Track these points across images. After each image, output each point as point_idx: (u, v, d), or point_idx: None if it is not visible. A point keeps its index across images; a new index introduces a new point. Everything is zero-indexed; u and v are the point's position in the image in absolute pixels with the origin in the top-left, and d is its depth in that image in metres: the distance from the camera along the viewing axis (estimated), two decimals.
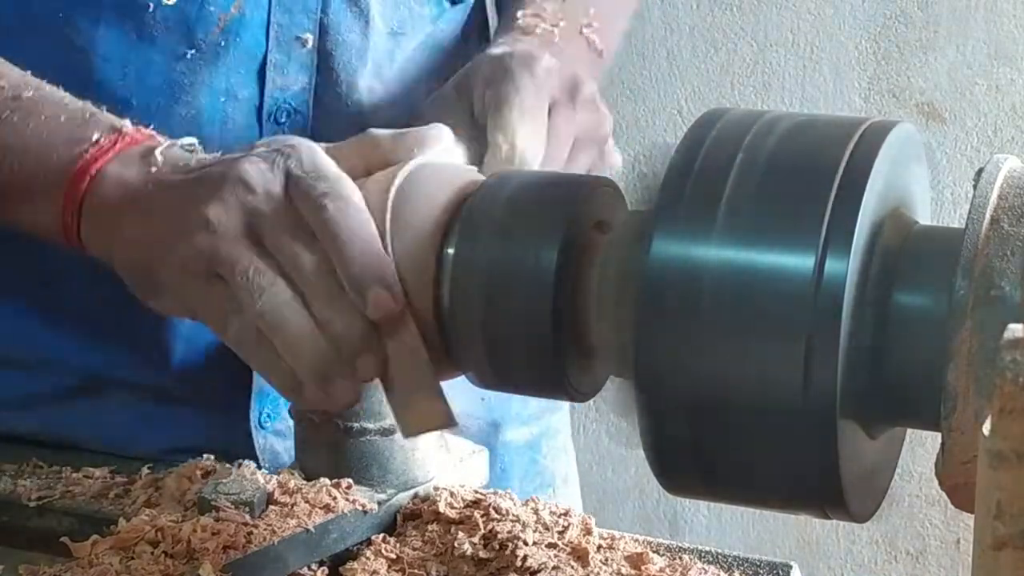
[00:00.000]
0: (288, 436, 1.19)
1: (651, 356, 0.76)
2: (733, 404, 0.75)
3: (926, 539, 2.39)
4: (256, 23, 1.12)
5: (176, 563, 0.92)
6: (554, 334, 0.84)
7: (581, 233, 0.85)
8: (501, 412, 1.29)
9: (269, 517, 0.95)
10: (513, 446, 1.29)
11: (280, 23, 1.13)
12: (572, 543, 0.97)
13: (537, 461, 1.35)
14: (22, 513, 1.05)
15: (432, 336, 0.87)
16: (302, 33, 1.13)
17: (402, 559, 0.96)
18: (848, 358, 0.73)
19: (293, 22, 1.13)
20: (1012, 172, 0.74)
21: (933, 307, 0.74)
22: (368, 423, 0.99)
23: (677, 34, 2.33)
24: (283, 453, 1.18)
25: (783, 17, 2.29)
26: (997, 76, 2.24)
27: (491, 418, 1.26)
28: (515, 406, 1.31)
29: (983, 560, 0.58)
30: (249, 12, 1.11)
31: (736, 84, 2.33)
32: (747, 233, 0.75)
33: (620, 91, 2.35)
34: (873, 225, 0.75)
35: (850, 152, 0.75)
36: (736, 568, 0.99)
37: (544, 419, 1.36)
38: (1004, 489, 0.57)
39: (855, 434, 0.76)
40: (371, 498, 0.99)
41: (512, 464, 1.29)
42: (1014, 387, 0.56)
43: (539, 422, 1.35)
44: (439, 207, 0.87)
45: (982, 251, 0.71)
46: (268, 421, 1.19)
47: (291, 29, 1.13)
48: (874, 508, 0.81)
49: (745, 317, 0.74)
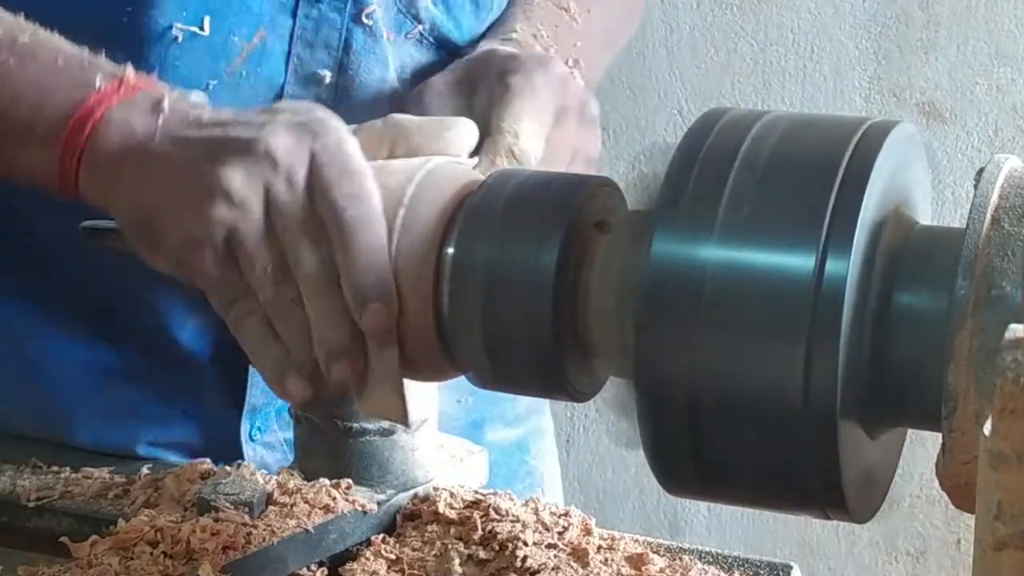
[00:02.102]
0: (279, 449, 1.20)
1: (651, 356, 0.76)
2: (733, 404, 0.75)
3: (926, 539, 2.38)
4: (277, 54, 1.12)
5: (175, 563, 0.92)
6: (554, 334, 0.84)
7: (581, 233, 0.85)
8: (482, 412, 1.29)
9: (268, 517, 0.95)
10: (498, 446, 1.29)
11: (300, 56, 1.13)
12: (572, 543, 0.97)
13: (526, 462, 1.35)
14: (21, 513, 1.04)
15: (431, 336, 0.87)
16: (320, 69, 1.14)
17: (402, 559, 0.96)
18: (848, 358, 0.73)
19: (313, 57, 1.13)
20: (1013, 172, 0.74)
21: (933, 307, 0.74)
22: (368, 424, 0.99)
23: (677, 34, 2.33)
24: (273, 465, 1.19)
25: (783, 17, 2.29)
26: (998, 76, 2.24)
27: (470, 419, 1.25)
28: (499, 407, 1.31)
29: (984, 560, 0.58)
30: (271, 43, 1.12)
31: (736, 84, 2.33)
32: (747, 233, 0.74)
33: (620, 91, 2.35)
34: (874, 225, 0.74)
35: (851, 152, 0.75)
36: (736, 568, 0.99)
37: (531, 420, 1.36)
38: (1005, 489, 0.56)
39: (855, 434, 0.76)
40: (371, 498, 0.99)
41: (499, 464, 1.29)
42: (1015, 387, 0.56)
43: (526, 423, 1.35)
44: (439, 207, 0.87)
45: (983, 251, 0.71)
46: (258, 434, 1.20)
47: (310, 64, 1.13)
48: (874, 509, 0.81)
49: (745, 317, 0.74)
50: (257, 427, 1.20)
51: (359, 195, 0.87)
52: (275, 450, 1.20)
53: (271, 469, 1.17)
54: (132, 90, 0.94)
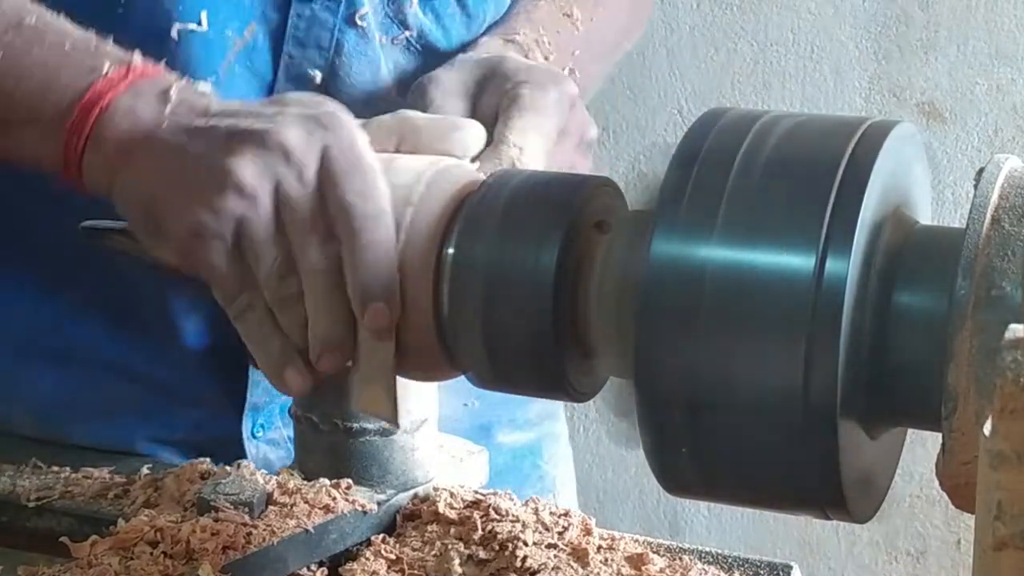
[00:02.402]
0: (282, 446, 1.20)
1: (651, 356, 0.76)
2: (733, 404, 0.75)
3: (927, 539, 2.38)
4: (267, 49, 1.12)
5: (175, 563, 0.92)
6: (554, 334, 0.84)
7: (581, 233, 0.85)
8: (491, 416, 1.28)
9: (268, 517, 0.95)
10: (509, 449, 1.29)
11: (292, 55, 1.13)
12: (572, 543, 0.97)
13: (539, 466, 1.35)
14: (21, 513, 1.04)
15: (431, 336, 0.87)
16: (311, 69, 1.13)
17: (402, 560, 0.96)
18: (848, 358, 0.73)
19: (305, 56, 1.13)
20: (1013, 172, 0.74)
21: (933, 307, 0.74)
22: (368, 424, 0.99)
23: (677, 34, 2.33)
24: (276, 463, 1.19)
25: (783, 17, 2.29)
26: (998, 76, 2.24)
27: (478, 423, 1.25)
28: (508, 410, 1.30)
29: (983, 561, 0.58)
30: (262, 39, 1.12)
31: (736, 84, 2.33)
32: (747, 233, 0.74)
33: (620, 91, 2.35)
34: (874, 225, 0.74)
35: (851, 152, 0.75)
36: (736, 568, 0.99)
37: (544, 425, 1.36)
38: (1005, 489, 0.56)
39: (855, 434, 0.76)
40: (371, 498, 0.99)
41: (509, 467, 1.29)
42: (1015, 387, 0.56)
43: (539, 427, 1.35)
44: (439, 207, 0.87)
45: (983, 251, 0.71)
46: (261, 431, 1.20)
47: (302, 63, 1.13)
48: (874, 509, 0.81)
49: (745, 317, 0.74)
50: (260, 424, 1.20)
51: (369, 192, 0.87)
52: (279, 447, 1.20)
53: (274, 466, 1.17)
54: (140, 77, 0.93)
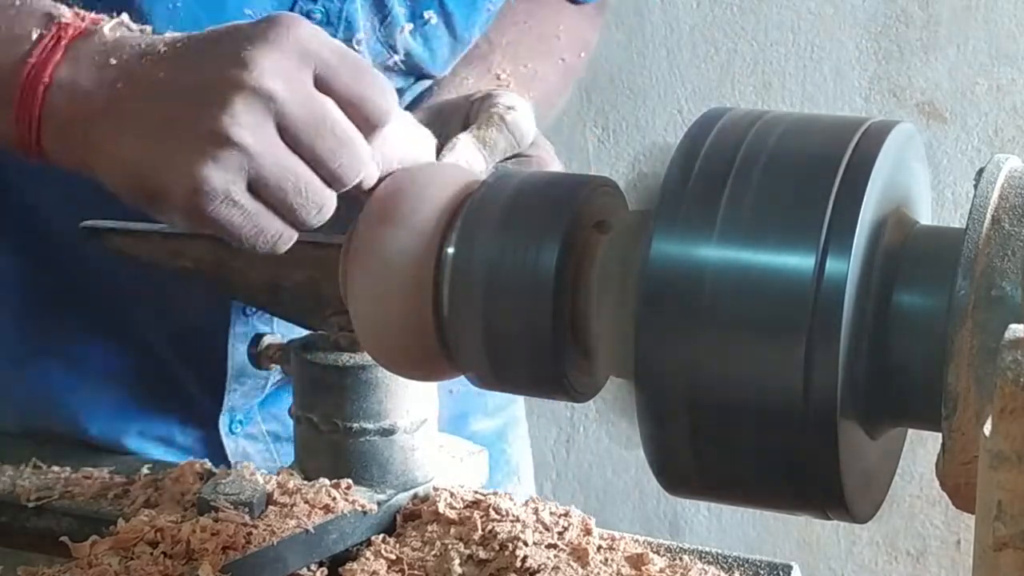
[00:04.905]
0: (261, 440, 1.21)
1: (651, 356, 0.76)
2: (733, 404, 0.75)
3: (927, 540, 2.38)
4: None
5: (175, 563, 0.92)
6: (554, 334, 0.84)
7: (581, 233, 0.85)
8: (467, 404, 1.29)
9: (268, 517, 0.95)
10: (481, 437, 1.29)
11: None
12: (572, 543, 0.97)
13: (504, 451, 1.36)
14: (21, 513, 1.05)
15: (431, 336, 0.87)
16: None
17: (402, 560, 0.96)
18: (848, 358, 0.73)
19: None
20: (1013, 172, 0.74)
21: (933, 307, 0.74)
22: (368, 423, 0.99)
23: (677, 34, 2.33)
24: (256, 456, 1.19)
25: (783, 17, 2.29)
26: (998, 76, 2.24)
27: (458, 410, 1.26)
28: (481, 398, 1.32)
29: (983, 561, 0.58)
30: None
31: (736, 84, 2.33)
32: (747, 233, 0.74)
33: (620, 91, 2.35)
34: (874, 225, 0.74)
35: (851, 152, 0.75)
36: (736, 568, 0.99)
37: (508, 409, 1.37)
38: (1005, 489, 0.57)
39: (855, 434, 0.76)
40: (371, 498, 0.99)
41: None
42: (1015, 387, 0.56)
43: (504, 412, 1.36)
44: (439, 207, 0.87)
45: (983, 251, 0.71)
46: (239, 427, 1.20)
47: None
48: (875, 509, 0.81)
49: (745, 317, 0.74)
50: (238, 420, 1.20)
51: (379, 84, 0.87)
52: (257, 441, 1.21)
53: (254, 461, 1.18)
54: (73, 36, 0.87)
